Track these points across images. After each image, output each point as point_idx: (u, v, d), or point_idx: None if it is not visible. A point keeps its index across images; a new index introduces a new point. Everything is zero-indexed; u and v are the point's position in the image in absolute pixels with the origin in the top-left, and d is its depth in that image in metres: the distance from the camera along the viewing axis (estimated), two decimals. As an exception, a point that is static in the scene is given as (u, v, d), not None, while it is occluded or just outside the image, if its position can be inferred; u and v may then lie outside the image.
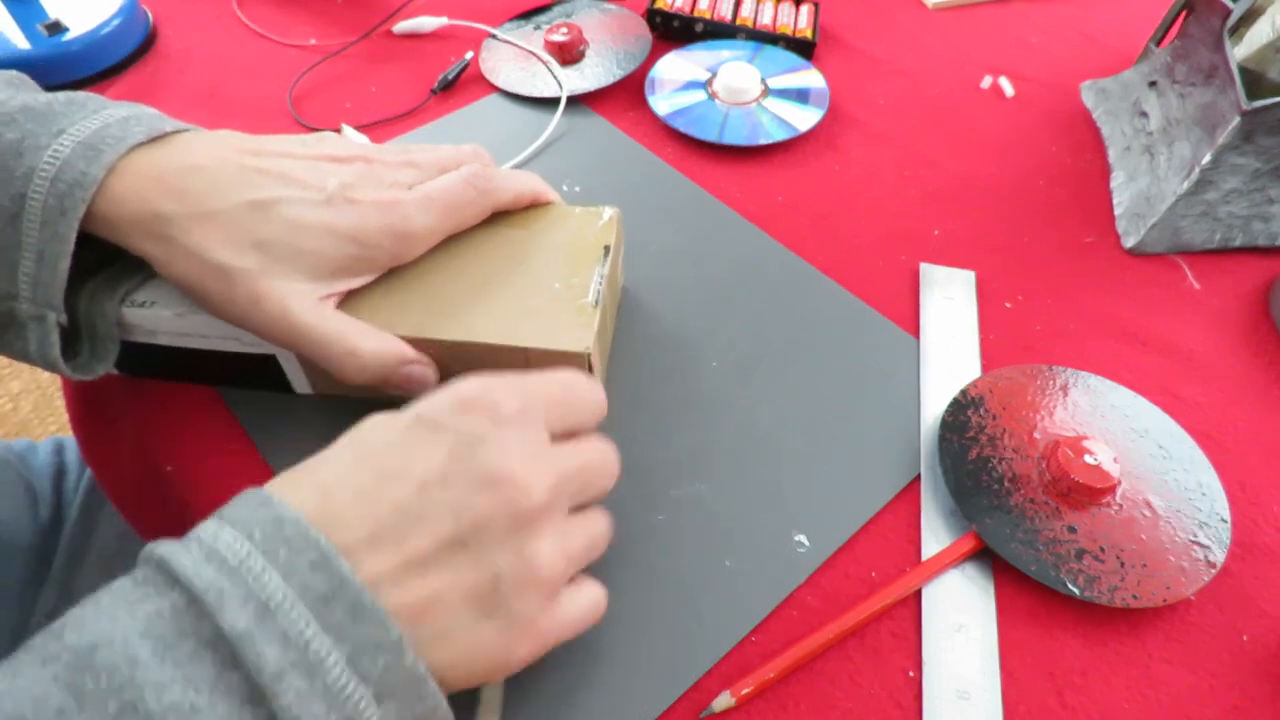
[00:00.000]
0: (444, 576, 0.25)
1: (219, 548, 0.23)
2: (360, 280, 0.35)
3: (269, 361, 0.37)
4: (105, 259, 0.35)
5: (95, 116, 0.32)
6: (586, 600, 0.29)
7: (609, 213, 0.39)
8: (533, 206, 0.39)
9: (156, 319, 0.35)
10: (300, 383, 0.38)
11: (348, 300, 0.35)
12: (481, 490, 0.25)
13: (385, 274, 0.36)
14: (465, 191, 0.35)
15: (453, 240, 0.37)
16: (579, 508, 0.29)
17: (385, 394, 0.34)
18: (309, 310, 0.32)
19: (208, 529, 0.24)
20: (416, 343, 0.34)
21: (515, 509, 0.25)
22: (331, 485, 0.25)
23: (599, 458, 0.30)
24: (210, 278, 0.31)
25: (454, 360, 0.35)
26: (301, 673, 0.21)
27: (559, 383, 0.30)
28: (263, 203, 0.32)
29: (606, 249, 0.37)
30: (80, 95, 0.33)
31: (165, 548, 0.23)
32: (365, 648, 0.22)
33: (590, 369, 0.34)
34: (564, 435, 0.29)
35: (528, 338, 0.34)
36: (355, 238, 0.33)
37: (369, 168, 0.35)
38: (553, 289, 0.35)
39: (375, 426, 0.27)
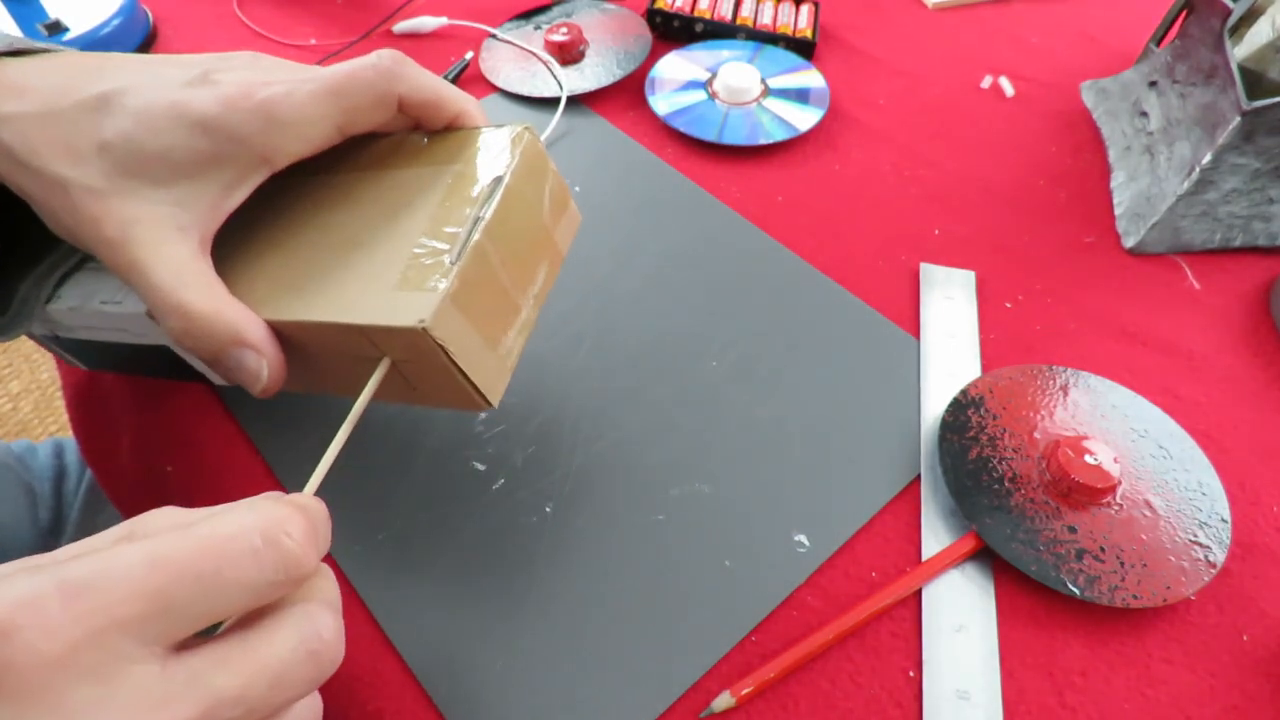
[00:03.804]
0: None
1: None
2: (229, 197, 0.27)
3: (167, 353, 0.33)
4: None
5: None
6: None
7: (508, 133, 0.29)
8: (451, 129, 0.30)
9: (60, 313, 0.32)
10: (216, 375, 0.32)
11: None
12: None
13: (243, 231, 0.29)
14: (359, 71, 0.27)
15: (331, 188, 0.30)
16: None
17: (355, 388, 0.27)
18: (150, 242, 0.25)
19: None
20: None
21: None
22: None
23: (281, 662, 0.19)
24: (52, 195, 0.25)
25: (306, 343, 0.28)
26: None
27: (194, 547, 0.18)
28: (108, 95, 0.25)
29: (498, 181, 0.28)
30: None
31: None
32: None
33: (442, 350, 0.25)
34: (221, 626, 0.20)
35: (362, 312, 0.26)
36: (208, 124, 0.25)
37: (256, 58, 0.29)
38: (419, 243, 0.27)
39: None
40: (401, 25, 0.62)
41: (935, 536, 0.35)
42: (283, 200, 0.30)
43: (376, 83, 0.28)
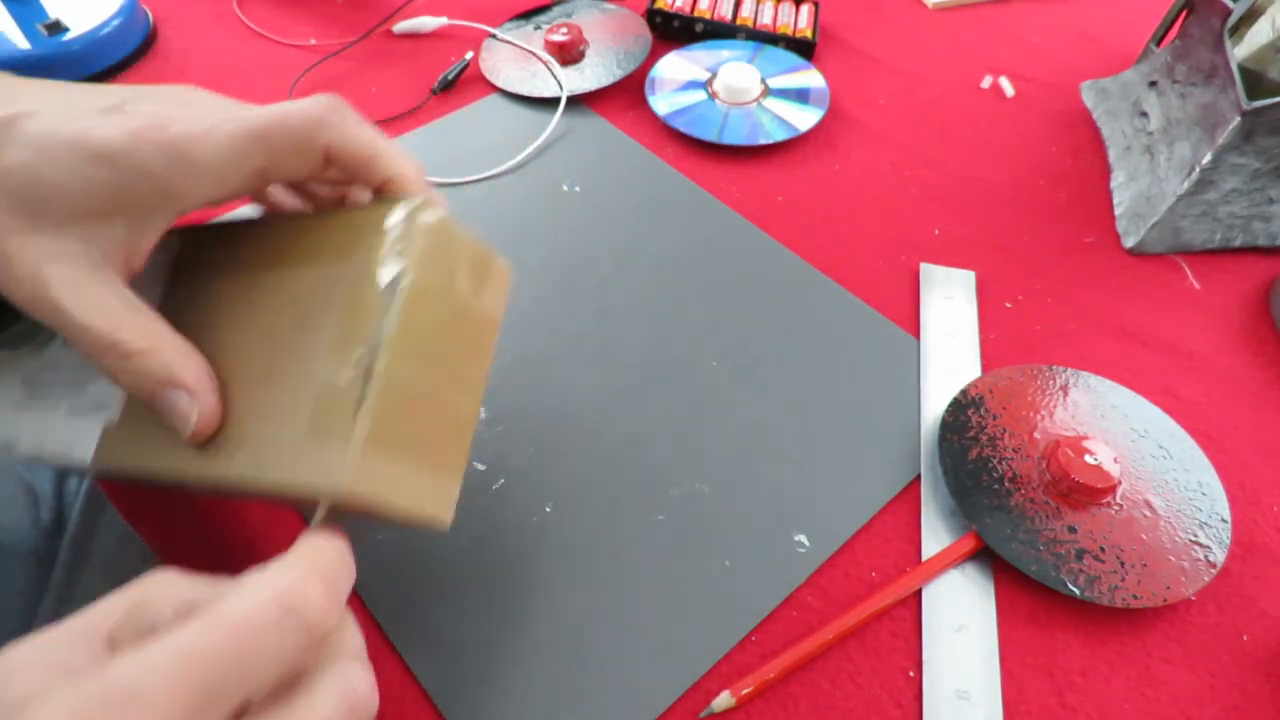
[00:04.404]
0: None
1: None
2: (140, 237, 0.25)
3: None
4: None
5: None
6: None
7: (404, 213, 0.24)
8: (381, 194, 0.26)
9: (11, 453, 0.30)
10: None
11: None
12: None
13: None
14: (288, 115, 0.25)
15: (240, 294, 0.26)
16: None
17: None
18: (69, 281, 0.23)
19: None
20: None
21: None
22: None
23: None
24: None
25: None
26: None
27: (223, 637, 0.18)
28: (13, 119, 0.23)
29: (394, 286, 0.23)
30: None
31: None
32: None
33: (372, 501, 0.22)
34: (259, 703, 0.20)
35: (277, 469, 0.23)
36: (111, 156, 0.23)
37: (192, 91, 0.26)
38: (325, 372, 0.23)
39: None
40: (401, 25, 0.62)
41: (935, 536, 0.35)
42: (191, 312, 0.27)
43: (303, 129, 0.25)
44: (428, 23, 0.62)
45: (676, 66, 0.58)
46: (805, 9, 0.63)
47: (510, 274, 0.28)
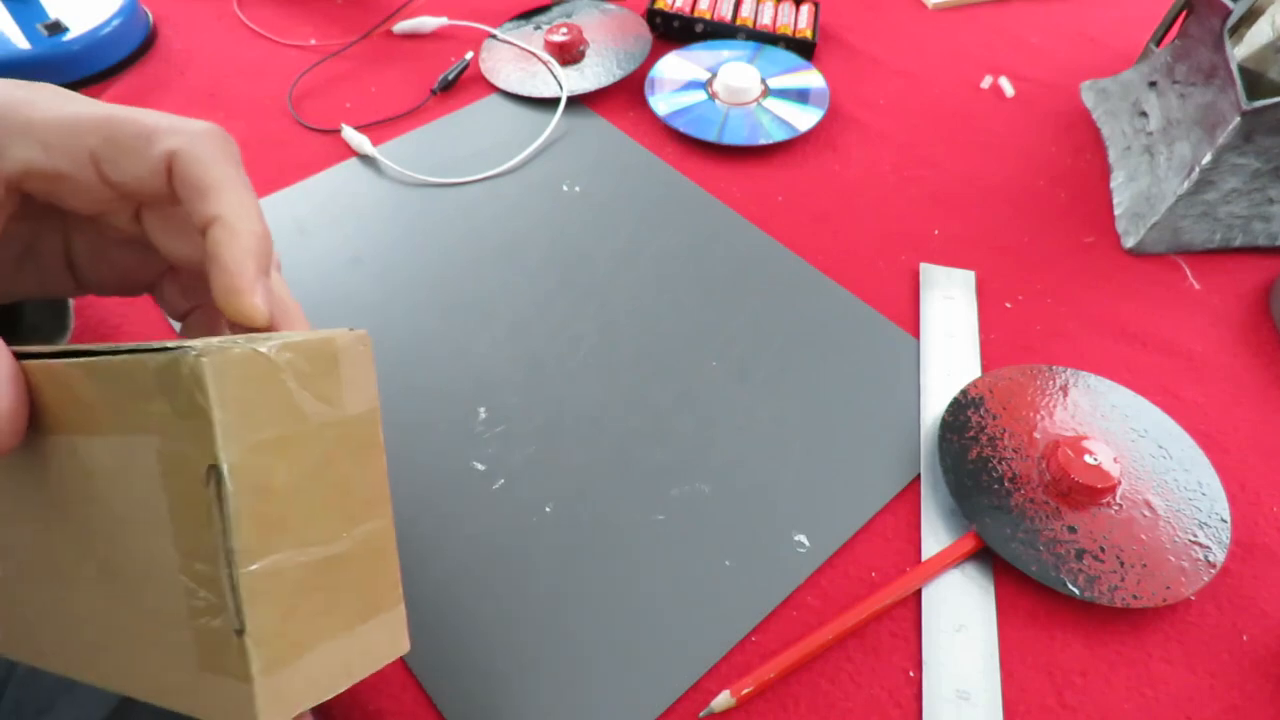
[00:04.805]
0: None
1: None
2: None
3: None
4: None
5: None
6: None
7: (171, 375, 0.18)
8: (205, 237, 0.22)
9: None
10: None
11: None
12: None
13: None
14: (138, 110, 0.23)
15: (65, 468, 0.21)
16: None
17: None
18: None
19: None
20: None
21: None
22: None
23: None
24: None
25: None
26: None
27: None
28: None
29: (215, 474, 0.18)
30: None
31: None
32: None
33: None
34: None
35: (180, 699, 0.20)
36: None
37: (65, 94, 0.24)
38: (185, 587, 0.19)
39: None
40: (401, 25, 0.62)
41: (935, 536, 0.35)
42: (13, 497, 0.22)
43: (147, 128, 0.22)
44: (428, 23, 0.62)
45: (676, 67, 0.58)
46: (805, 9, 0.63)
47: (368, 342, 0.22)
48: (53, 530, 0.21)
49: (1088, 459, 0.35)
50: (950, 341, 0.42)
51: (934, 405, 0.40)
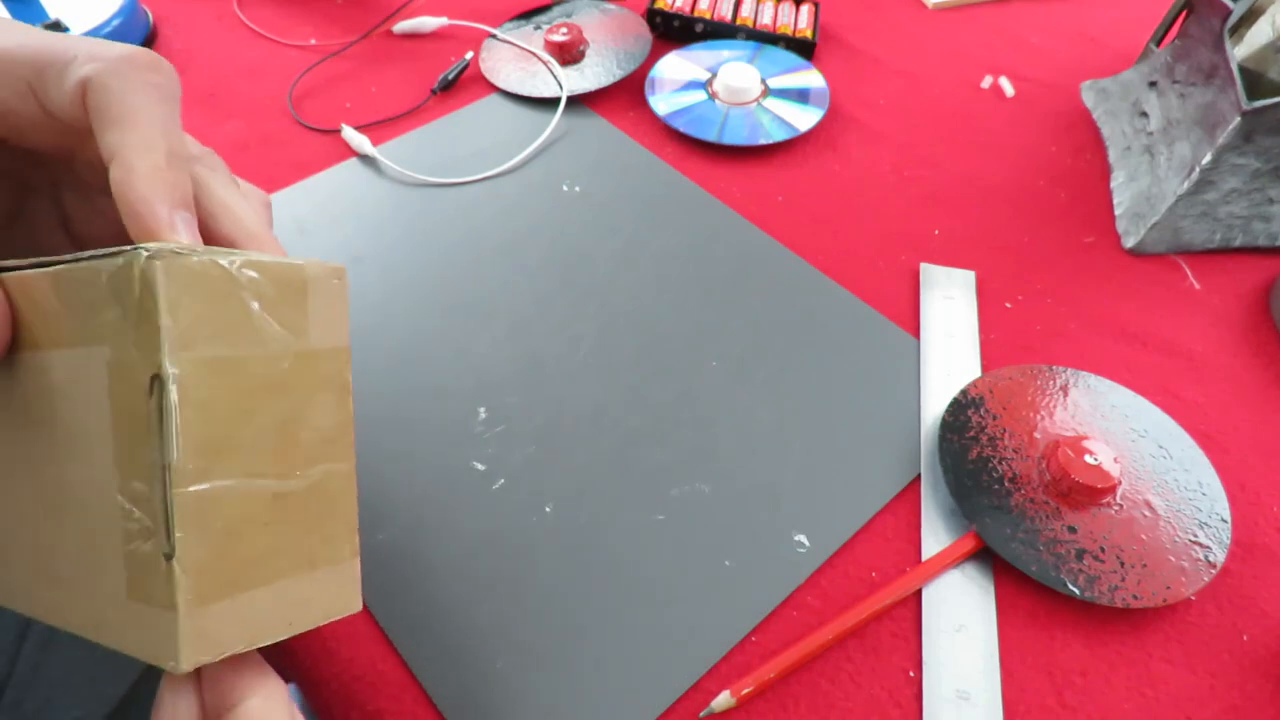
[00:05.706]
0: None
1: None
2: None
3: None
4: None
5: None
6: None
7: (125, 275, 0.17)
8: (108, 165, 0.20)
9: None
10: None
11: None
12: None
13: None
14: (69, 37, 0.21)
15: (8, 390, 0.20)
16: None
17: None
18: None
19: None
20: None
21: None
22: None
23: None
24: None
25: None
26: None
27: None
28: None
29: (159, 383, 0.17)
30: None
31: None
32: None
33: (234, 652, 0.19)
34: None
35: (106, 633, 0.19)
36: None
37: None
38: (120, 508, 0.18)
39: None
40: (401, 25, 0.62)
41: (935, 536, 0.35)
42: None
43: (66, 52, 0.21)
44: (428, 23, 0.62)
45: (676, 66, 0.58)
46: (805, 9, 0.63)
47: (344, 275, 0.21)
48: (17, 453, 0.20)
49: (1088, 459, 0.35)
50: (950, 341, 0.42)
51: (934, 405, 0.40)
